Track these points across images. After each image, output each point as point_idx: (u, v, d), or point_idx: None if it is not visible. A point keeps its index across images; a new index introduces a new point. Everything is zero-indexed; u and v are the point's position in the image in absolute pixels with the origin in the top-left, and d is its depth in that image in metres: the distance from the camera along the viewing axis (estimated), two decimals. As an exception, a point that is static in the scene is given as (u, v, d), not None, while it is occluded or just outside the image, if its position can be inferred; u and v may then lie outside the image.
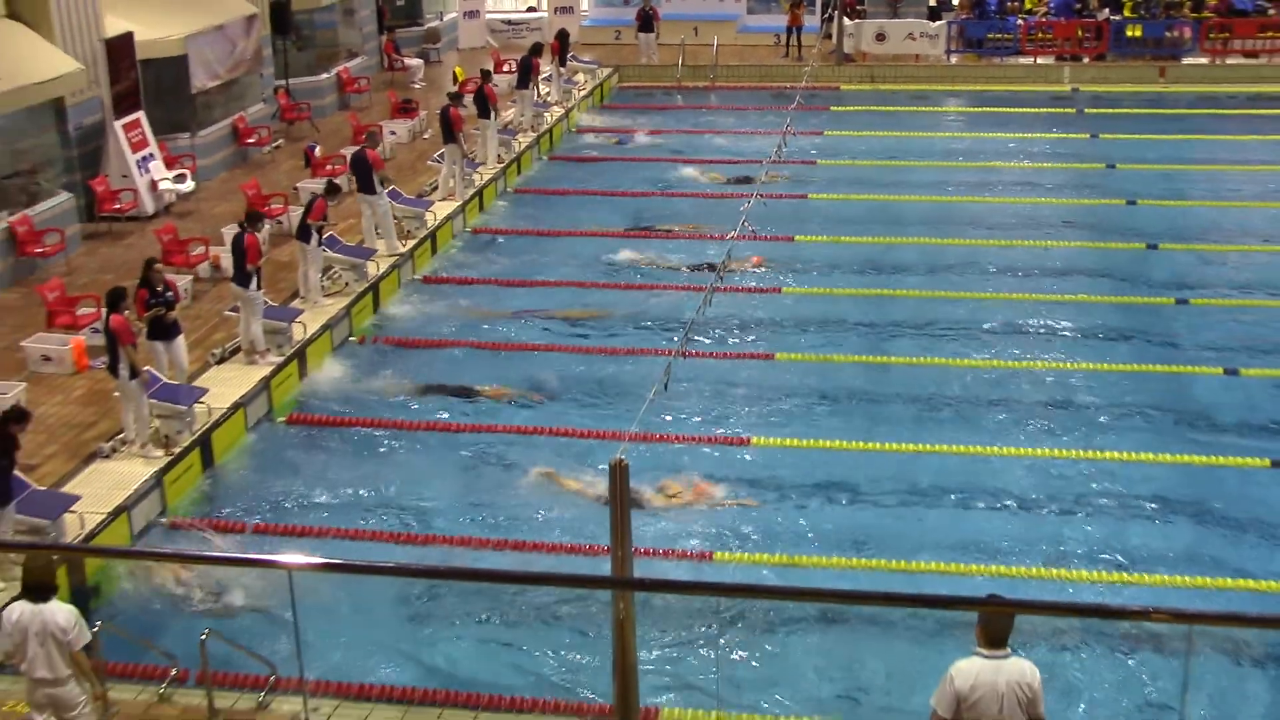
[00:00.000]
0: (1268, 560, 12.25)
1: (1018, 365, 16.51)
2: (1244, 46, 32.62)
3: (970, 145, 27.22)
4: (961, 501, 13.44)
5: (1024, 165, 25.36)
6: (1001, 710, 7.53)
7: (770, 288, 19.16)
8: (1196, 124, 28.24)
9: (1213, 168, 25.05)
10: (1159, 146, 26.34)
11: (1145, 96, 30.64)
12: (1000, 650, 7.58)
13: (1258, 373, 16.09)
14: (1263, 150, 26.39)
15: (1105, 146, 26.45)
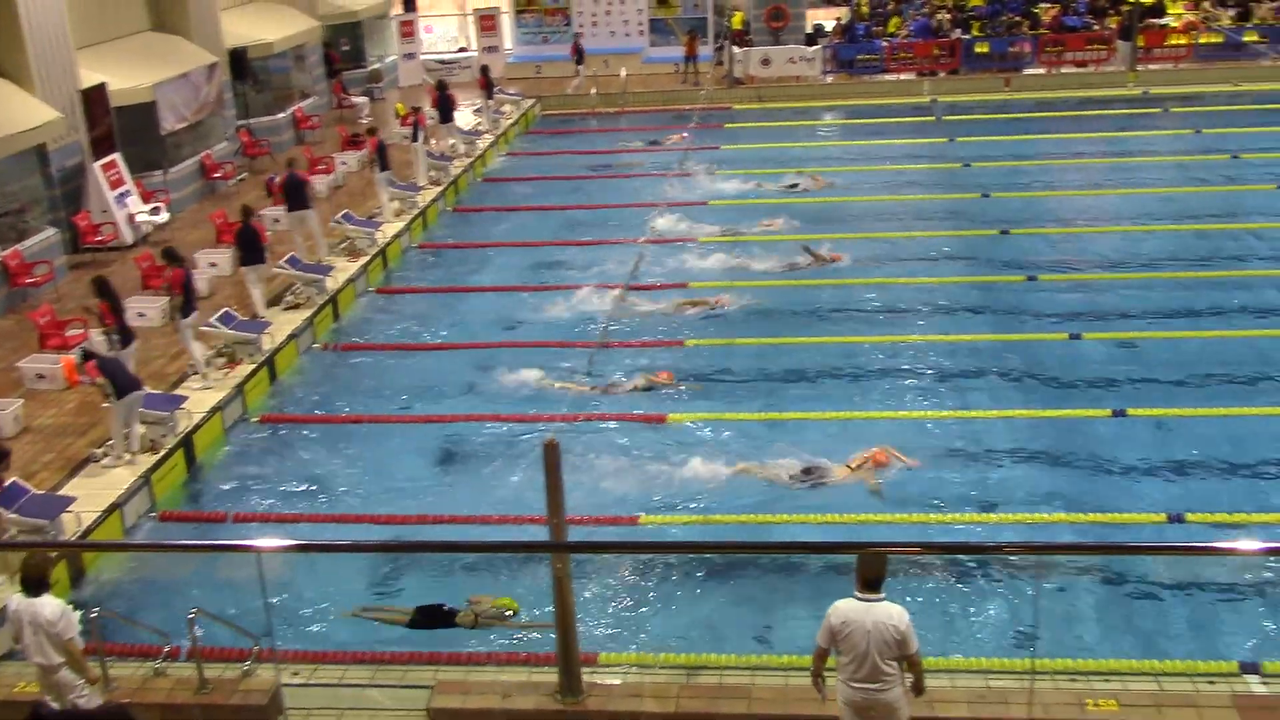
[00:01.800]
0: (1112, 496, 12.37)
1: (896, 339, 16.56)
2: (1075, 58, 33.14)
3: (846, 152, 27.33)
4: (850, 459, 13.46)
5: (892, 167, 25.49)
6: (869, 646, 7.63)
7: (676, 283, 19.10)
8: (1037, 125, 28.55)
9: (1051, 162, 25.34)
10: (1006, 146, 26.60)
11: (993, 103, 30.98)
12: (873, 594, 7.69)
13: (1096, 336, 16.30)
14: (1092, 146, 26.79)
15: (961, 148, 26.66)
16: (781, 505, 12.47)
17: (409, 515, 12.63)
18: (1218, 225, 20.66)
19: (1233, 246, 19.57)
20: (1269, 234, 20.05)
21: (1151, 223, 20.99)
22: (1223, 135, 26.70)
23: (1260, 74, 31.67)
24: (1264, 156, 24.71)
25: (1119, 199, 22.79)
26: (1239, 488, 12.42)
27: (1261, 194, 22.35)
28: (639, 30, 36.77)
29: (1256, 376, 14.90)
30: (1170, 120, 28.75)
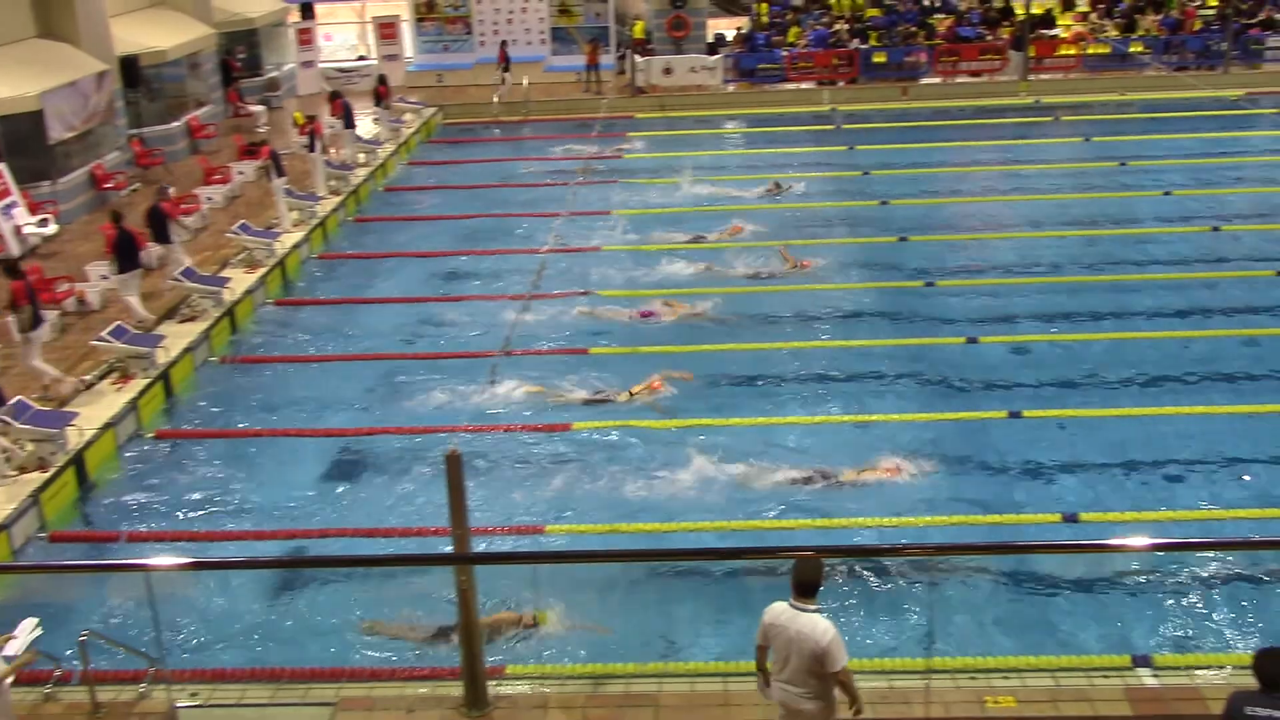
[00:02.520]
0: (1009, 498, 12.64)
1: (801, 345, 16.73)
2: (969, 67, 33.87)
3: (748, 160, 27.59)
4: (760, 465, 13.54)
5: (793, 175, 25.76)
6: (790, 654, 7.67)
7: (581, 291, 19.10)
8: (934, 134, 29.11)
9: (948, 170, 25.83)
10: (904, 154, 27.07)
11: (891, 112, 31.53)
12: (804, 600, 7.68)
13: (993, 339, 16.65)
14: (987, 153, 27.39)
15: (860, 156, 27.07)
16: (692, 513, 12.52)
17: (310, 530, 12.45)
18: (1109, 231, 21.23)
19: (1123, 251, 20.11)
20: (1158, 239, 20.66)
21: (1046, 229, 21.49)
22: (1111, 143, 27.47)
23: (1145, 83, 32.71)
24: (1151, 164, 25.47)
25: (1014, 205, 23.28)
26: (1132, 487, 12.75)
27: (1150, 200, 23.00)
28: (541, 39, 36.77)
29: (1148, 377, 15.32)
30: (1061, 128, 29.53)
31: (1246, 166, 25.66)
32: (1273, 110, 29.47)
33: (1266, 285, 18.37)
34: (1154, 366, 15.60)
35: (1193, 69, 33.78)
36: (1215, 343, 16.35)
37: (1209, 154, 26.45)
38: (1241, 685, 7.60)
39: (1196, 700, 9.01)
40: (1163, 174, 24.70)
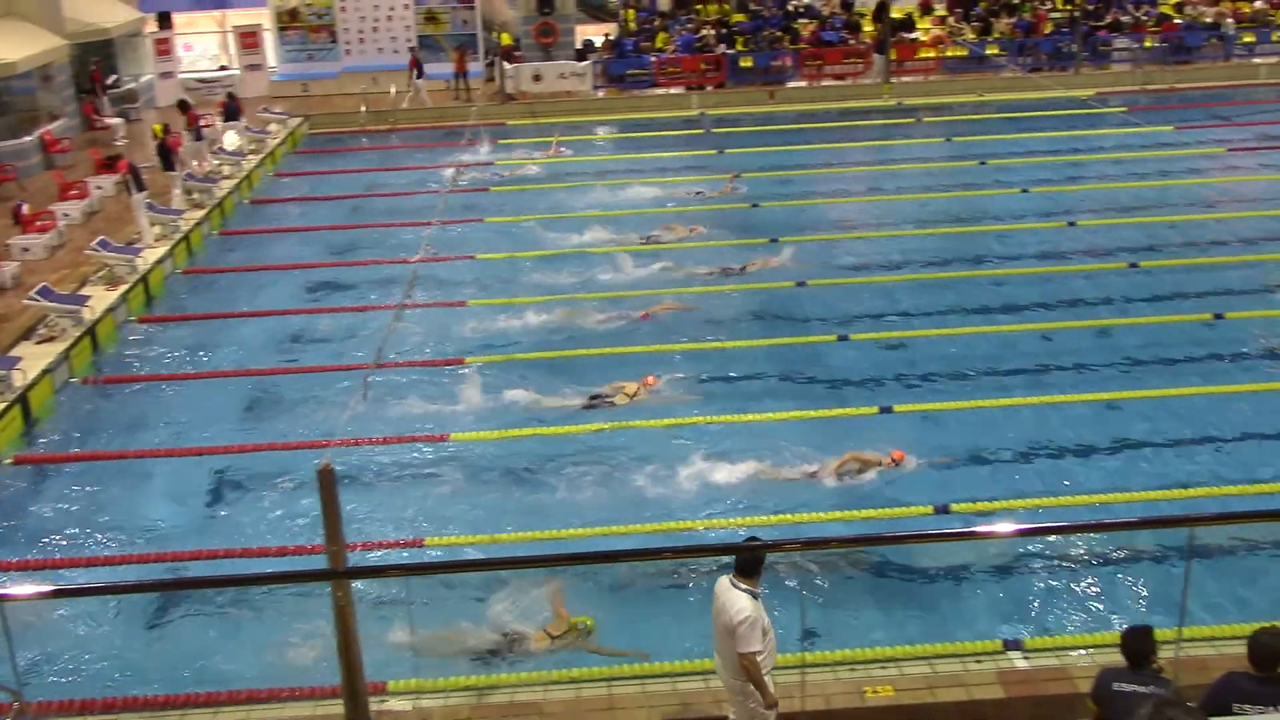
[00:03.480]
0: (883, 489, 12.89)
1: (673, 348, 16.83)
2: (834, 71, 34.50)
3: (619, 165, 27.64)
4: (637, 468, 13.57)
5: (665, 179, 25.92)
6: (718, 623, 8.18)
7: (457, 301, 18.95)
8: (801, 136, 29.59)
9: (816, 171, 26.23)
10: (773, 156, 27.45)
11: (759, 116, 31.98)
12: (740, 579, 8.10)
13: (863, 336, 16.95)
14: (853, 155, 27.93)
15: (730, 159, 27.34)
16: (576, 518, 12.50)
17: (181, 552, 12.11)
18: (972, 228, 21.78)
19: (985, 248, 20.66)
20: (1016, 235, 21.28)
21: (911, 227, 21.96)
22: (971, 142, 28.24)
23: (1002, 84, 33.70)
24: (1009, 162, 26.25)
25: (880, 205, 23.74)
26: (1000, 476, 13.09)
27: (1009, 198, 23.68)
28: (407, 47, 36.38)
29: (1010, 370, 15.77)
30: (923, 129, 30.25)
31: (1097, 163, 26.59)
32: (1120, 109, 30.59)
33: (1119, 276, 19.07)
34: (1018, 358, 16.07)
35: (1045, 70, 34.92)
36: (1073, 333, 16.90)
37: (1063, 151, 27.39)
38: (1109, 663, 7.87)
39: (1065, 680, 9.30)
40: (1020, 171, 25.47)
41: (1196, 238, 21.01)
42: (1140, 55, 35.29)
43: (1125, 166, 26.05)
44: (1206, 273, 19.24)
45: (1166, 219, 22.11)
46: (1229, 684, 7.28)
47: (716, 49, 34.69)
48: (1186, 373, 15.55)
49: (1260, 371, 15.60)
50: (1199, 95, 32.92)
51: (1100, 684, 7.57)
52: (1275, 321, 17.44)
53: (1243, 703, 7.07)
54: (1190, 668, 8.98)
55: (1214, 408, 14.45)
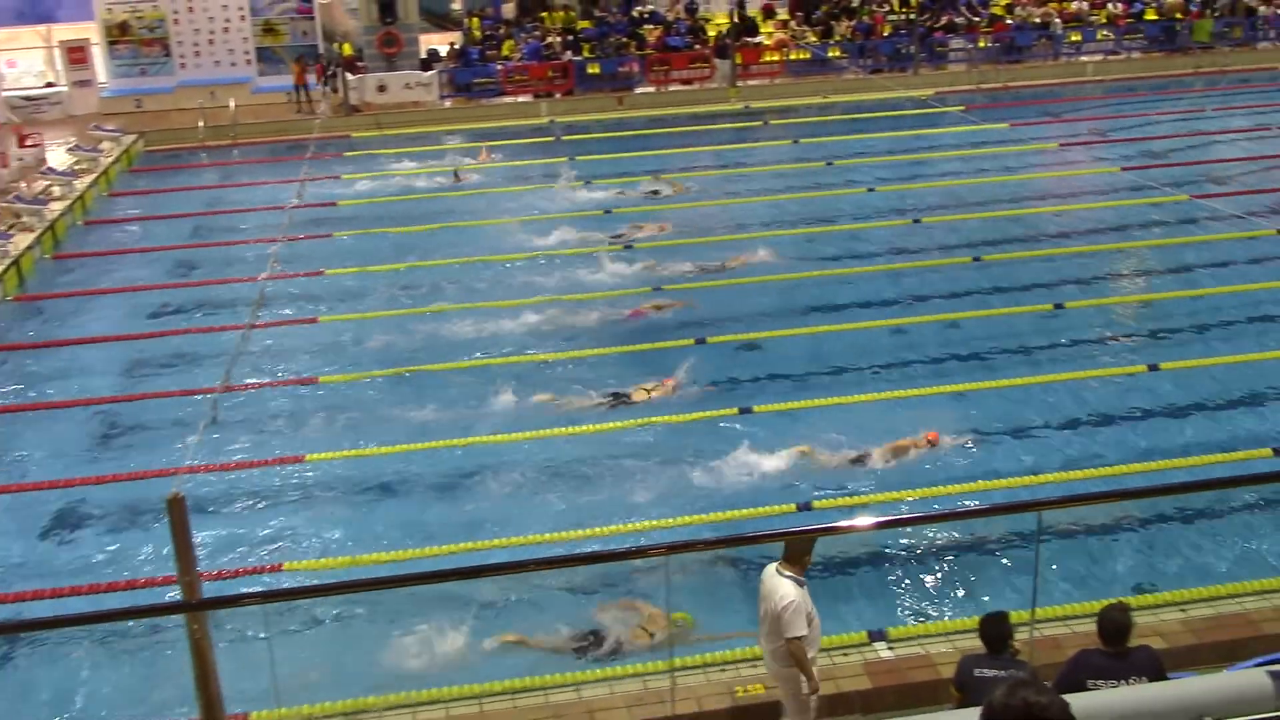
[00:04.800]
0: (745, 493, 13.06)
1: (529, 359, 16.79)
2: (680, 76, 34.87)
3: (472, 175, 27.38)
4: (486, 481, 13.54)
5: (516, 189, 25.85)
6: (763, 609, 8.47)
7: (307, 318, 18.59)
8: (651, 141, 29.82)
9: (668, 176, 26.29)
10: (624, 163, 27.59)
11: (609, 122, 32.12)
12: (785, 566, 8.41)
13: (719, 339, 17.13)
14: (703, 159, 28.21)
15: (581, 167, 27.34)
16: (442, 532, 12.36)
17: (24, 591, 11.62)
18: (820, 229, 22.21)
19: (834, 248, 21.07)
20: (864, 234, 21.78)
21: (762, 229, 22.28)
22: (818, 144, 28.84)
23: (845, 86, 34.53)
24: (854, 162, 26.88)
25: (732, 208, 24.00)
26: (859, 472, 13.37)
27: (856, 197, 24.23)
28: (246, 59, 35.55)
29: (865, 366, 16.15)
30: (771, 132, 30.78)
31: (938, 161, 27.41)
32: (958, 108, 31.56)
33: (963, 271, 19.68)
34: (871, 354, 16.45)
35: (886, 71, 35.87)
36: (923, 328, 17.38)
37: (905, 150, 28.17)
38: (969, 649, 8.12)
39: (929, 667, 9.55)
40: (866, 171, 26.11)
41: (1035, 231, 21.83)
42: (975, 55, 36.55)
43: (965, 163, 26.91)
44: (1046, 264, 19.98)
45: (1006, 213, 22.90)
46: (1081, 661, 7.58)
47: (563, 56, 34.74)
48: (1031, 362, 16.14)
49: (1099, 358, 16.26)
50: (1031, 93, 34.25)
51: (962, 670, 7.80)
52: (1111, 309, 18.24)
53: (1096, 678, 7.37)
54: (1046, 647, 9.33)
55: (1059, 395, 15.02)
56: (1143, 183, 23.38)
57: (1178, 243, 20.98)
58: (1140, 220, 22.20)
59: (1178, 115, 31.57)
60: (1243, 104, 32.25)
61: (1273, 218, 21.33)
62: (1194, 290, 18.65)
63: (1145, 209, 22.62)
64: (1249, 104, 32.12)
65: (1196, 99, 33.90)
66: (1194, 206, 21.93)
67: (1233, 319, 17.39)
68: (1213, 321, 17.33)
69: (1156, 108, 32.31)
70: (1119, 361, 16.11)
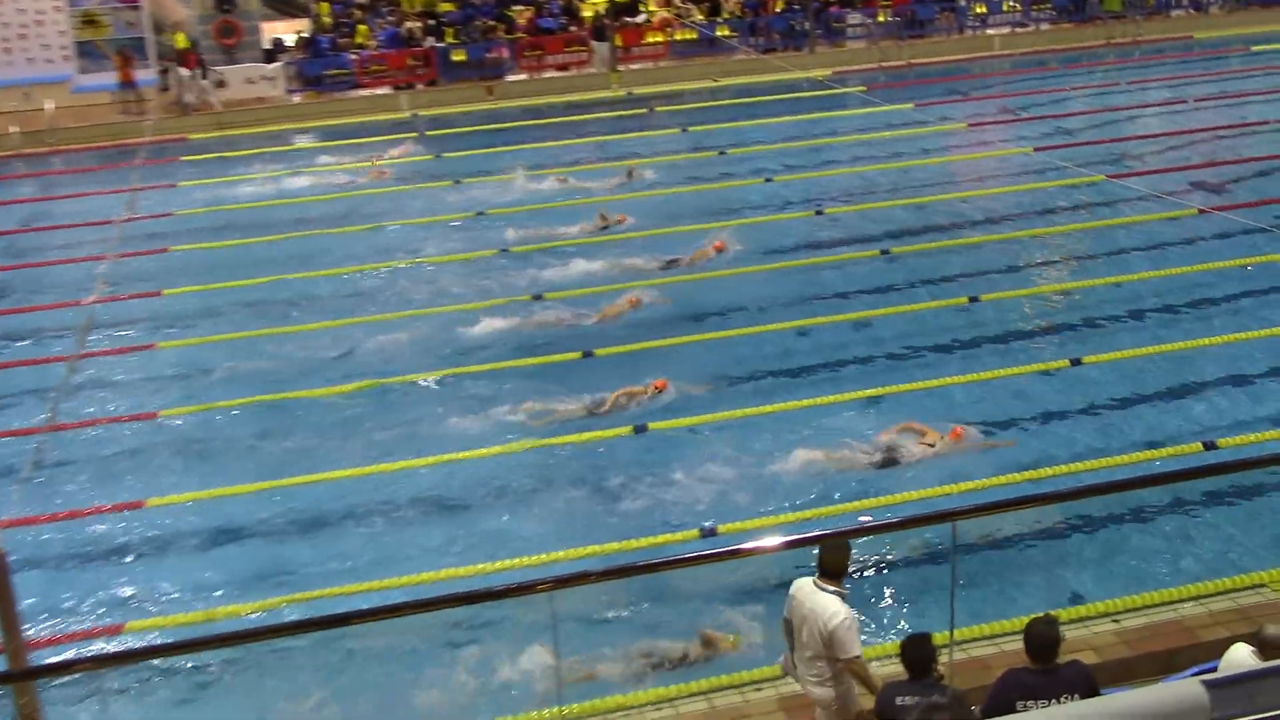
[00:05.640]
0: (645, 514, 13.12)
1: (397, 380, 16.67)
2: (555, 61, 34.95)
3: (325, 178, 27.14)
4: (370, 518, 13.45)
5: (381, 191, 25.62)
6: (804, 629, 8.45)
7: (144, 345, 18.20)
8: (526, 134, 29.78)
9: (544, 172, 26.15)
10: (497, 158, 27.49)
11: (478, 114, 32.08)
12: (826, 582, 8.44)
13: (608, 351, 17.16)
14: (585, 151, 28.25)
15: (450, 164, 27.29)
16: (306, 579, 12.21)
17: None
18: (714, 224, 22.27)
19: (729, 243, 21.18)
20: (763, 228, 21.99)
21: (651, 226, 22.30)
22: (708, 132, 29.13)
23: (735, 68, 34.94)
24: (750, 150, 27.20)
25: (617, 205, 23.90)
26: (764, 490, 13.47)
27: (752, 188, 24.50)
28: (63, 55, 34.64)
29: (768, 372, 16.30)
30: (657, 120, 31.00)
31: (840, 146, 27.85)
32: (859, 88, 32.15)
33: (871, 265, 20.01)
34: (774, 359, 16.62)
35: (780, 51, 36.34)
36: (829, 329, 17.61)
37: (804, 136, 28.58)
38: (891, 676, 8.24)
39: (849, 699, 9.65)
40: (763, 160, 26.42)
41: (945, 219, 22.32)
42: (874, 31, 37.24)
43: (869, 148, 27.39)
44: (959, 255, 20.42)
45: (914, 200, 23.38)
46: (1009, 681, 7.74)
47: (424, 43, 34.56)
48: (946, 361, 16.46)
49: (1019, 354, 16.65)
50: (936, 70, 35.09)
51: (882, 701, 7.91)
52: (1030, 301, 18.69)
53: (1025, 698, 7.53)
54: (973, 669, 9.50)
55: (976, 395, 15.34)
56: (1057, 163, 24.06)
57: (1096, 226, 21.60)
58: (1056, 203, 22.82)
59: (1091, 90, 32.58)
60: (1158, 76, 33.41)
61: (1194, 195, 22.08)
62: (1116, 277, 19.17)
63: (1061, 191, 23.28)
64: (1164, 76, 33.29)
65: (1110, 72, 35.01)
66: (1111, 187, 22.61)
67: (1156, 306, 17.94)
68: (1136, 309, 17.86)
69: (1068, 82, 33.25)
70: (1040, 356, 16.51)
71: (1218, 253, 19.69)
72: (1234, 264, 19.18)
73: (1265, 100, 29.49)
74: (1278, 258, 19.16)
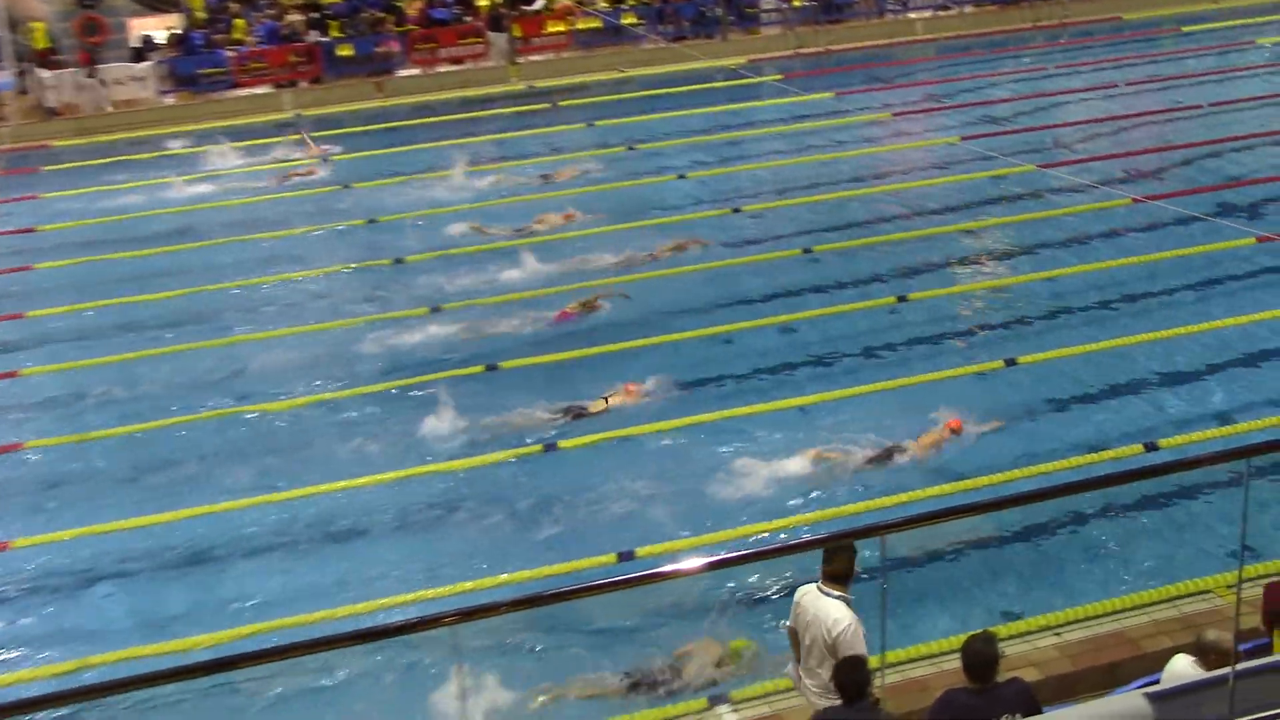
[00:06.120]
0: (559, 538, 13.15)
1: (293, 402, 16.50)
2: (450, 54, 34.84)
3: (206, 185, 26.78)
4: (259, 554, 13.34)
5: (264, 199, 25.38)
6: (808, 633, 8.62)
7: (6, 372, 17.87)
8: (420, 133, 29.70)
9: (443, 173, 26.10)
10: (389, 160, 27.38)
11: (368, 113, 31.93)
12: (831, 586, 8.56)
13: (512, 364, 17.16)
14: (485, 150, 28.19)
15: (338, 168, 27.05)
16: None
17: None
18: (625, 225, 22.34)
19: (640, 245, 21.23)
20: (677, 228, 22.06)
21: (559, 230, 22.29)
22: (616, 126, 29.23)
23: (643, 58, 35.08)
24: (661, 145, 27.31)
25: (518, 207, 23.96)
26: (684, 509, 13.53)
27: (664, 186, 24.59)
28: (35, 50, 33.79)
29: (688, 382, 16.36)
30: (562, 115, 31.01)
31: (758, 140, 28.08)
32: (776, 78, 32.42)
33: (793, 265, 20.18)
34: (694, 368, 16.66)
35: (690, 39, 36.55)
36: (750, 335, 17.72)
37: (719, 129, 28.78)
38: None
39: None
40: (675, 155, 26.55)
41: (870, 214, 22.57)
42: (790, 16, 37.60)
43: (788, 141, 27.67)
44: (885, 252, 20.65)
45: (837, 195, 23.63)
46: (947, 701, 7.86)
47: (307, 37, 34.29)
48: (874, 365, 16.65)
49: (950, 355, 16.89)
50: (856, 56, 35.52)
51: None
52: (959, 299, 18.95)
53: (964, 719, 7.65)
54: (911, 691, 9.64)
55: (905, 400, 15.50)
56: (985, 153, 24.43)
57: (1028, 219, 21.96)
58: (985, 195, 23.19)
59: (1018, 75, 33.16)
60: (1087, 59, 34.07)
61: (1128, 185, 22.56)
62: (1049, 271, 19.49)
63: (989, 182, 23.65)
64: (1094, 59, 33.95)
65: (1037, 56, 35.62)
66: (1042, 177, 23.03)
67: (1092, 302, 18.28)
68: (1072, 306, 18.18)
69: (995, 68, 33.83)
70: (973, 358, 16.76)
71: (1154, 244, 20.12)
72: (1171, 255, 19.61)
73: (1198, 82, 30.25)
74: (1216, 247, 19.60)
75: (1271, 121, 26.57)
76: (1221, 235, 19.70)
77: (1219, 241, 19.65)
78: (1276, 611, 8.82)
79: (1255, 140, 25.31)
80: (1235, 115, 27.25)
